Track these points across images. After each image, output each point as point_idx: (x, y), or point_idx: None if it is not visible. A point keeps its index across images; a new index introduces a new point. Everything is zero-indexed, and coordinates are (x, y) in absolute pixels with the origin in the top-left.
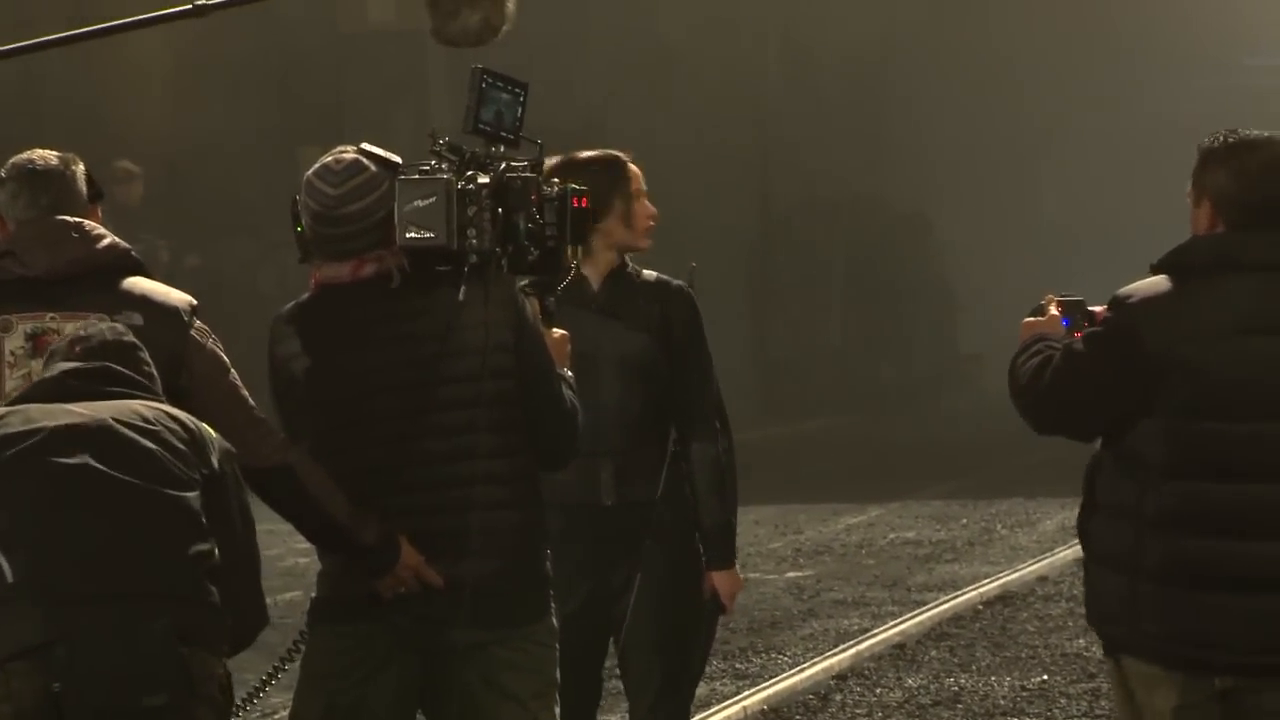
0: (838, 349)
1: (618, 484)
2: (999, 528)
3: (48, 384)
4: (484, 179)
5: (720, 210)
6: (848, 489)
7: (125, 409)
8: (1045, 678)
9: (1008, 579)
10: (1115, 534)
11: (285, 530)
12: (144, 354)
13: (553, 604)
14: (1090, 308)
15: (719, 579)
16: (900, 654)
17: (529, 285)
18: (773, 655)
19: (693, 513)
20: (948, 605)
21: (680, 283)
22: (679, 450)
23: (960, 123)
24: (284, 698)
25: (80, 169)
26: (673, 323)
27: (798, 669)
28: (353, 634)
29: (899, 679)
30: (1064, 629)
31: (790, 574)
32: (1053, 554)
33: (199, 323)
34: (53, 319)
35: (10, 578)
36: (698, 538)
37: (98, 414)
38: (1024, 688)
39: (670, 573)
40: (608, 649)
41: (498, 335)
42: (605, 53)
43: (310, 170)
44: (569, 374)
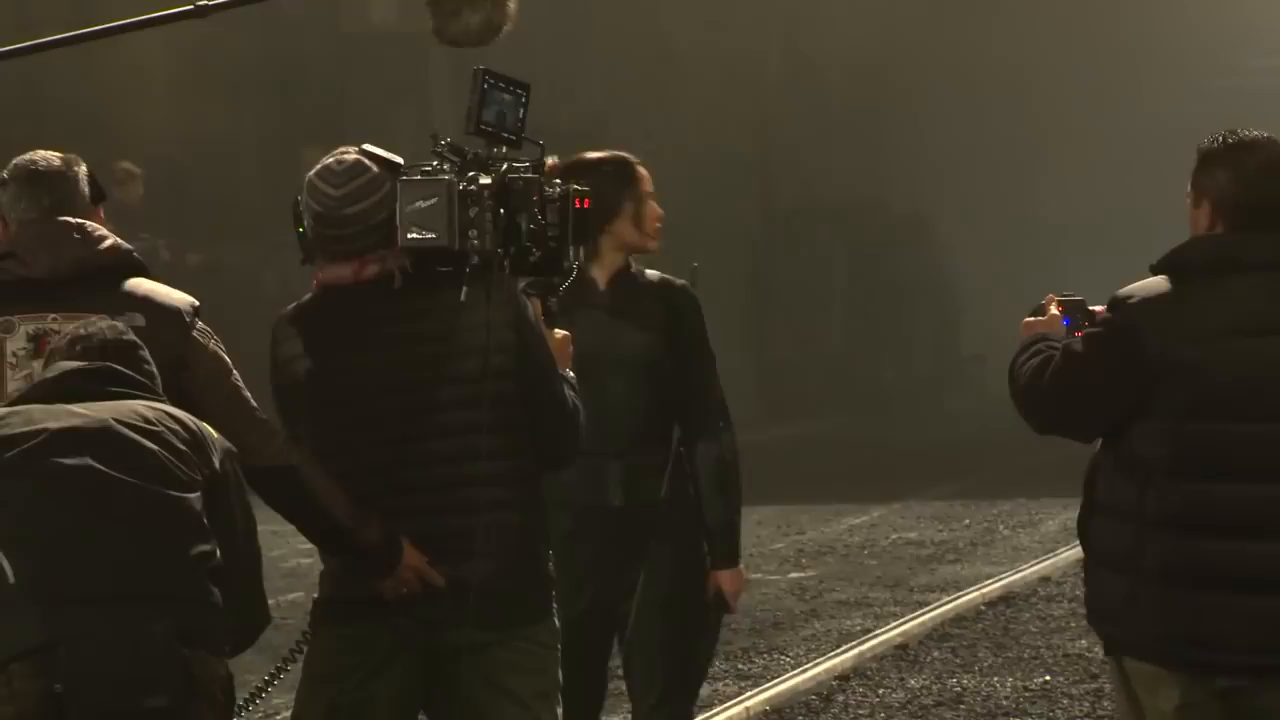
0: (839, 350)
1: (626, 485)
2: (1001, 528)
3: (48, 384)
4: (486, 180)
5: (721, 211)
6: (850, 490)
7: (126, 409)
8: (1048, 678)
9: (1010, 579)
10: (1115, 534)
11: (288, 531)
12: (144, 352)
13: (555, 604)
14: (1091, 307)
15: (724, 577)
16: (903, 655)
17: (531, 286)
18: (775, 656)
19: (697, 512)
20: (950, 606)
21: (683, 282)
22: (683, 449)
23: (961, 124)
24: (286, 699)
25: (83, 170)
26: (678, 321)
27: (800, 669)
28: (355, 635)
29: (901, 680)
30: (1066, 629)
31: (793, 574)
32: (1055, 554)
33: (201, 324)
34: (54, 320)
35: (12, 579)
36: (702, 536)
37: (99, 415)
38: (1026, 688)
39: (675, 573)
40: (613, 649)
41: (499, 336)
42: (607, 54)
43: (312, 171)
44: (570, 374)
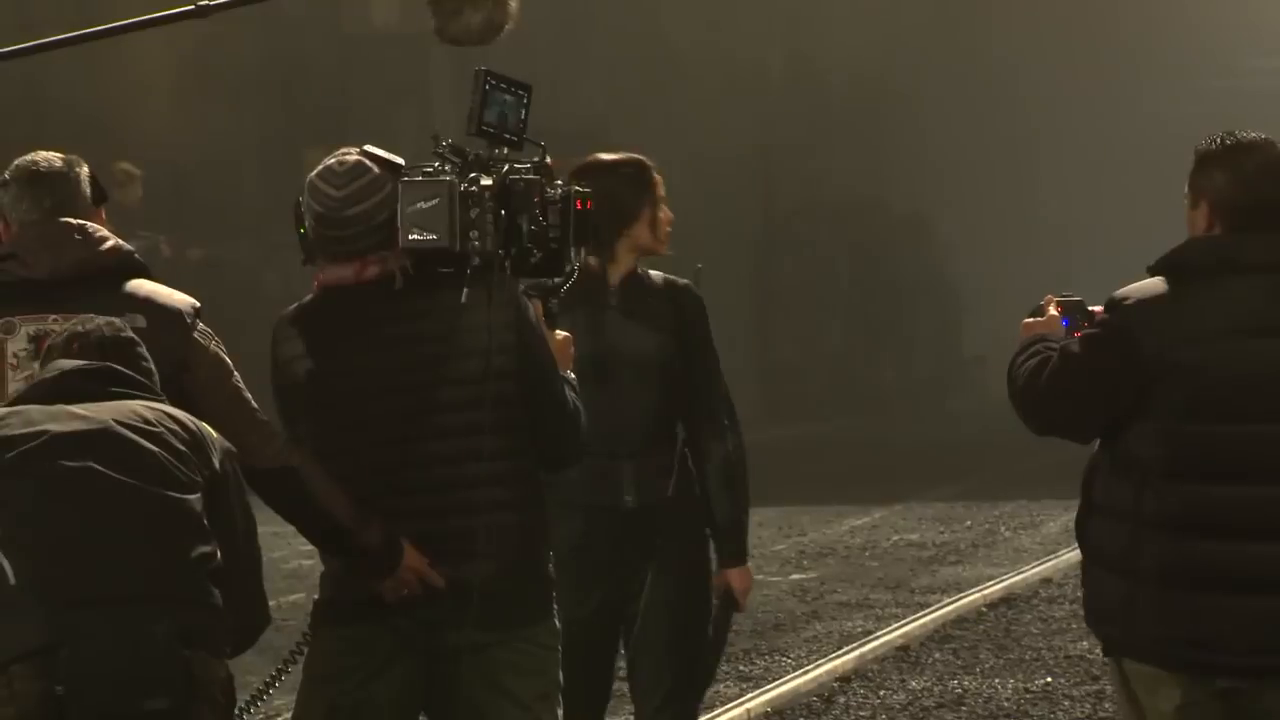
0: (840, 351)
1: (638, 485)
2: (1002, 530)
3: (47, 384)
4: (487, 181)
5: (723, 213)
6: (851, 491)
7: (126, 410)
8: (1049, 680)
9: (1011, 581)
10: (1113, 536)
11: (288, 532)
12: (142, 350)
13: (555, 605)
14: (1090, 308)
15: (732, 576)
16: (904, 656)
17: (532, 287)
18: (776, 657)
19: (703, 511)
20: (951, 607)
21: (687, 282)
22: (689, 448)
23: (962, 125)
24: (287, 700)
25: (84, 171)
26: (685, 321)
27: (801, 671)
28: (355, 636)
29: (902, 681)
30: (1067, 631)
31: (794, 576)
32: (1056, 556)
33: (202, 325)
34: (55, 321)
35: (12, 580)
36: (708, 536)
37: (99, 416)
38: (1028, 690)
39: (682, 573)
40: (618, 650)
41: (500, 337)
42: (608, 55)
43: (313, 172)
44: (572, 375)
